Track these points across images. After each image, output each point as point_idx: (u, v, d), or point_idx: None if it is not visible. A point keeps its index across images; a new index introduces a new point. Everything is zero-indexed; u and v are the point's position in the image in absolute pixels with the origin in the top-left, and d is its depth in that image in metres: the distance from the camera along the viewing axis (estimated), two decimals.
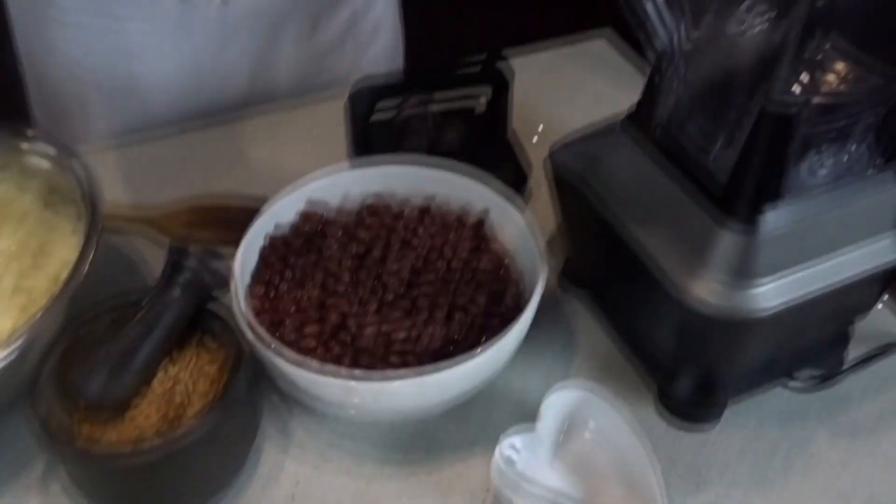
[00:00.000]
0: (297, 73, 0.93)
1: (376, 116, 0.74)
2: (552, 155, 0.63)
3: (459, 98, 0.77)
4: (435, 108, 0.75)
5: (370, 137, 0.74)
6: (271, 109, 0.89)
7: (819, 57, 0.51)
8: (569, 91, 0.91)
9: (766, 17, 0.48)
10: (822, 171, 0.53)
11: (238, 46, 0.87)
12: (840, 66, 0.51)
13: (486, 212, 0.65)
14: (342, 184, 0.67)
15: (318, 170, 0.66)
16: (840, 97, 0.49)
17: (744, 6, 0.48)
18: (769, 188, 0.50)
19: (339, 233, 0.64)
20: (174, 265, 0.56)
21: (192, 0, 0.81)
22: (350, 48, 0.95)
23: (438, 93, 0.74)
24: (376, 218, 0.66)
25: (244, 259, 0.60)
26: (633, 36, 0.53)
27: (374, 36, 0.97)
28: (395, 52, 1.02)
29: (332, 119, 0.74)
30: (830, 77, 0.52)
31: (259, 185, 0.67)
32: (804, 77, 0.50)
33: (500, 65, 0.72)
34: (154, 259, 0.71)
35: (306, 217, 0.65)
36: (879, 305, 0.67)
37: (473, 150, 0.76)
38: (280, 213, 0.64)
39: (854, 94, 0.48)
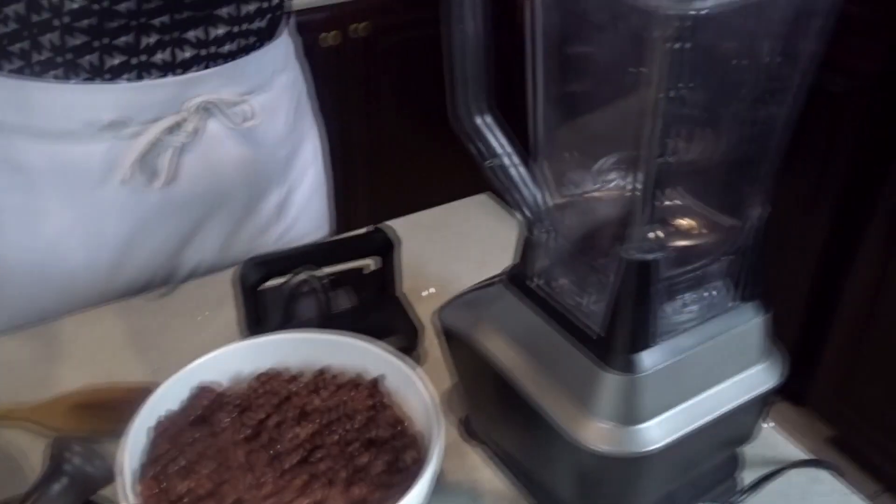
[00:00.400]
0: (222, 253, 0.93)
1: (267, 285, 0.75)
2: (440, 313, 0.66)
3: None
4: (325, 272, 0.78)
5: (261, 308, 0.75)
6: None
7: (672, 208, 0.57)
8: (456, 248, 0.95)
9: (617, 177, 0.53)
10: (689, 310, 0.57)
11: (168, 228, 0.87)
12: (691, 217, 0.57)
13: (380, 374, 0.66)
14: (233, 362, 0.67)
15: (208, 350, 0.66)
16: (692, 245, 0.54)
17: (596, 168, 0.53)
18: (641, 331, 0.53)
19: (232, 406, 0.63)
20: (56, 460, 0.54)
21: (133, 184, 0.81)
22: (279, 227, 0.97)
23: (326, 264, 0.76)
24: (270, 387, 0.65)
25: (131, 448, 0.57)
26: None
27: (304, 211, 0.99)
28: (322, 225, 1.04)
29: (225, 292, 0.74)
30: (684, 226, 0.57)
31: (148, 365, 0.67)
32: (660, 228, 0.55)
33: (383, 234, 0.76)
34: (36, 455, 0.67)
35: (197, 395, 0.64)
36: (766, 425, 0.70)
37: (366, 311, 0.78)
38: (169, 397, 0.63)
39: (704, 243, 0.53)
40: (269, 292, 0.77)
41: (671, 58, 0.44)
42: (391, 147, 2.01)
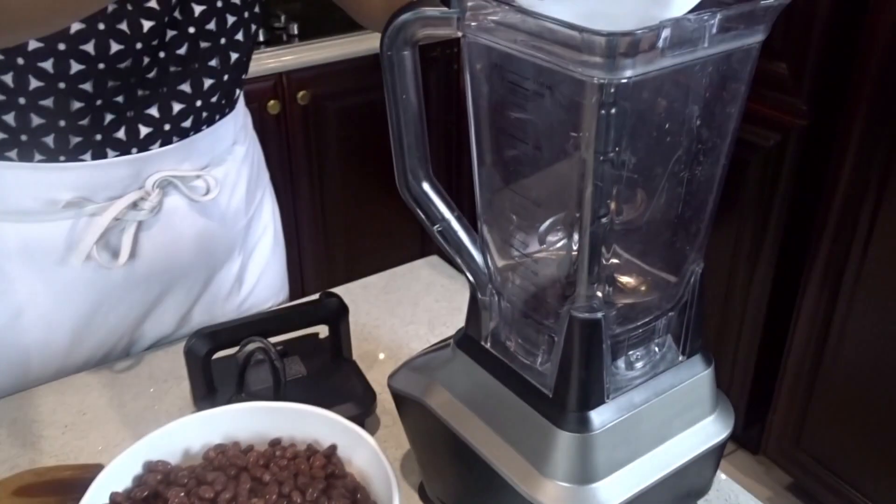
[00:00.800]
0: (182, 325, 0.92)
1: (219, 356, 0.75)
2: (392, 377, 0.66)
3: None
4: (276, 340, 0.77)
5: (213, 380, 0.75)
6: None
7: (616, 266, 0.58)
8: (408, 311, 0.95)
9: (560, 238, 0.54)
10: (638, 365, 0.58)
11: (128, 303, 0.86)
12: (634, 274, 0.58)
13: (335, 443, 0.65)
14: (184, 435, 0.65)
15: (161, 424, 0.65)
16: (637, 303, 0.56)
17: (539, 230, 0.55)
18: (592, 389, 0.54)
19: (185, 480, 0.62)
20: None
21: (96, 260, 0.79)
22: (238, 296, 0.96)
23: (276, 333, 0.76)
24: (223, 461, 0.64)
25: None
26: None
27: (262, 277, 0.99)
28: (282, 287, 1.04)
29: (179, 364, 0.73)
30: (628, 284, 0.58)
31: (99, 442, 0.65)
32: (605, 287, 0.57)
33: (333, 301, 0.76)
34: None
35: (149, 471, 0.63)
36: (721, 477, 0.71)
37: (319, 378, 0.78)
38: (120, 475, 0.62)
39: (648, 300, 0.54)
40: (221, 363, 0.76)
41: (604, 122, 0.45)
42: (340, 212, 2.02)
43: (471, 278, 0.59)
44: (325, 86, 1.85)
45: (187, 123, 0.80)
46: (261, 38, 1.83)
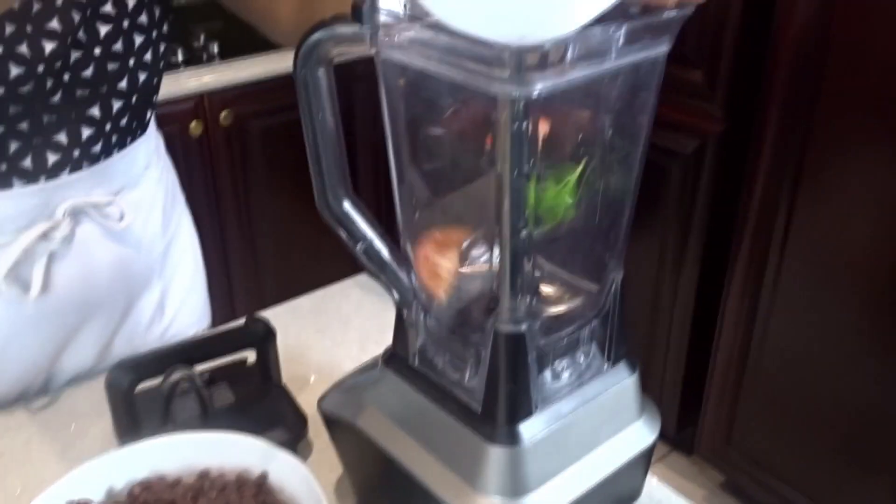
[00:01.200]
0: (102, 357, 0.89)
1: (142, 388, 0.72)
2: (322, 400, 0.65)
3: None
4: (203, 368, 0.76)
5: (137, 412, 0.72)
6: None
7: (538, 278, 0.58)
8: (337, 332, 0.94)
9: (482, 253, 0.55)
10: (565, 375, 0.58)
11: (42, 336, 0.82)
12: (557, 285, 0.59)
13: (266, 471, 0.64)
14: (107, 472, 0.63)
15: (82, 462, 0.62)
16: (561, 313, 0.56)
17: (463, 246, 0.55)
18: (520, 402, 0.54)
19: None
20: None
21: (6, 296, 0.76)
22: (160, 324, 0.93)
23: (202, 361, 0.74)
24: (149, 496, 0.62)
25: None
26: None
27: (184, 304, 0.96)
28: (204, 313, 1.01)
29: (100, 398, 0.71)
30: (551, 295, 0.59)
31: (17, 484, 0.62)
32: (529, 299, 0.57)
33: (260, 325, 0.75)
34: None
35: None
36: (655, 481, 0.72)
37: (247, 405, 0.76)
38: None
39: (571, 309, 0.55)
40: (145, 395, 0.74)
41: (517, 136, 0.46)
42: (268, 234, 2.00)
43: (396, 296, 0.58)
44: (248, 105, 1.83)
45: (97, 148, 0.78)
46: (180, 58, 1.80)
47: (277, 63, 1.85)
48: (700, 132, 1.61)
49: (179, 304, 0.95)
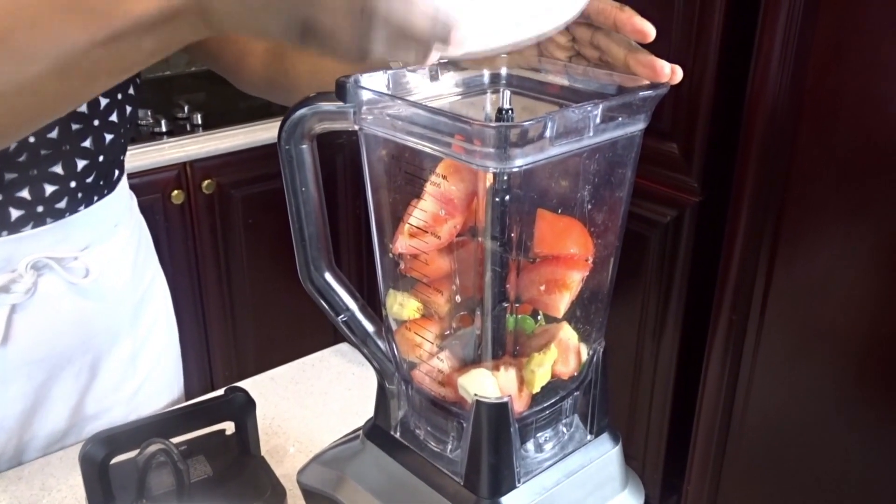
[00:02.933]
0: (74, 417, 0.87)
1: (117, 460, 0.71)
2: (301, 473, 0.64)
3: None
4: (180, 440, 0.74)
5: (111, 486, 0.71)
6: None
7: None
8: (318, 402, 0.93)
9: (461, 323, 0.55)
10: (548, 447, 0.58)
11: (7, 397, 0.81)
12: None
13: None
14: None
15: None
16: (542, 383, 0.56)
17: (445, 316, 0.55)
18: (503, 474, 0.53)
19: None
20: None
21: None
22: (132, 383, 0.92)
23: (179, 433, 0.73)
24: None
25: None
26: None
27: (157, 365, 0.95)
28: (176, 381, 0.99)
29: (74, 466, 0.69)
30: None
31: None
32: None
33: (239, 396, 0.74)
34: None
35: None
36: None
37: (225, 478, 0.75)
38: None
39: (554, 380, 0.55)
40: (120, 468, 0.72)
41: (498, 209, 0.47)
42: (248, 302, 1.99)
43: (377, 367, 0.58)
44: (230, 174, 1.84)
45: (61, 205, 0.78)
46: (163, 129, 1.81)
47: (259, 133, 1.87)
48: (678, 203, 1.64)
49: (153, 363, 0.94)
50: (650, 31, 0.49)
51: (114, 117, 0.79)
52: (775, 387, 1.55)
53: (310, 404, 0.93)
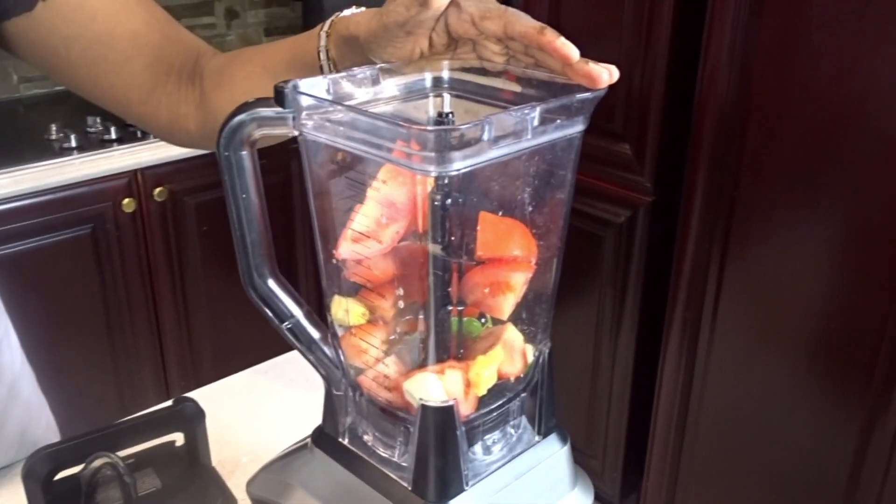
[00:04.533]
0: None
1: (62, 475, 0.70)
2: (251, 483, 0.63)
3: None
4: (127, 453, 0.73)
5: (57, 502, 0.69)
6: None
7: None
8: (269, 411, 0.93)
9: (408, 327, 0.55)
10: (495, 449, 0.58)
11: None
12: None
13: None
14: None
15: None
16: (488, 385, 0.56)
17: (390, 320, 0.55)
18: (451, 478, 0.53)
19: None
20: None
21: None
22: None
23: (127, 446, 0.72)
24: None
25: None
26: None
27: (30, 421, 0.90)
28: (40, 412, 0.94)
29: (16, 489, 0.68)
30: None
31: None
32: None
33: (188, 406, 0.73)
34: None
35: None
36: None
37: (174, 490, 0.73)
38: None
39: (500, 382, 0.55)
40: (65, 483, 0.71)
41: (439, 213, 0.47)
42: (204, 310, 1.96)
43: (324, 374, 0.58)
44: (183, 181, 1.82)
45: None
46: (113, 136, 1.78)
47: None
48: (631, 203, 1.65)
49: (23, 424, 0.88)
50: (573, 55, 0.49)
51: None
52: (729, 383, 1.57)
53: (262, 413, 0.92)
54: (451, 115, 0.51)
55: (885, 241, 1.27)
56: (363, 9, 0.60)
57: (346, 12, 0.61)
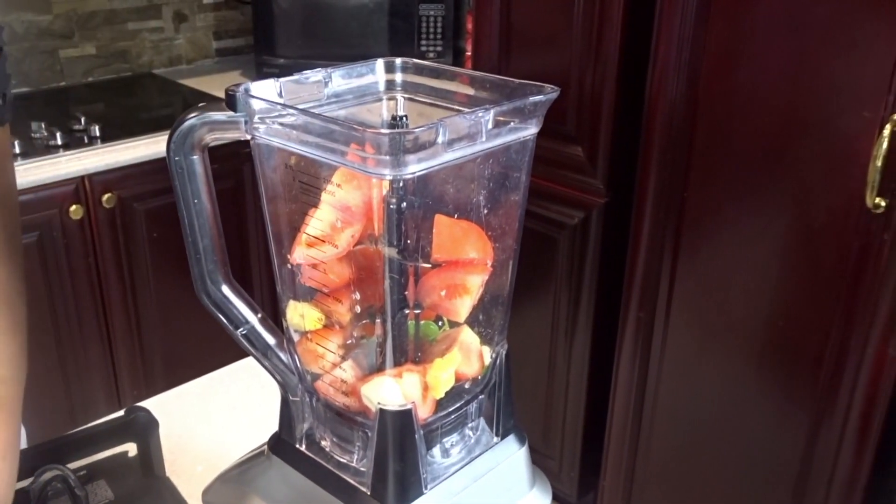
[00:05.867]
0: None
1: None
2: (206, 492, 0.62)
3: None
4: (78, 465, 0.71)
5: None
6: None
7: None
8: (225, 418, 0.91)
9: (364, 331, 0.54)
10: (454, 452, 0.58)
11: None
12: None
13: None
14: None
15: None
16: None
17: (346, 324, 0.54)
18: (409, 481, 0.53)
19: None
20: None
21: None
22: None
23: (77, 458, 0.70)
24: None
25: None
26: None
27: None
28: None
29: None
30: None
31: None
32: None
33: (141, 416, 0.72)
34: None
35: None
36: None
37: (128, 501, 0.72)
38: None
39: (458, 384, 0.55)
40: (14, 498, 0.69)
41: (394, 216, 0.46)
42: (155, 318, 1.93)
43: (280, 380, 0.57)
44: (132, 187, 1.79)
45: None
46: (59, 141, 1.74)
47: (162, 144, 1.81)
48: (585, 204, 1.67)
49: None
50: None
51: None
52: (682, 380, 1.60)
53: (217, 421, 0.91)
54: (405, 118, 0.51)
55: (829, 240, 1.31)
56: None
57: None
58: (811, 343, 1.38)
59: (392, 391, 0.52)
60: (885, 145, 1.16)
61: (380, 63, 0.57)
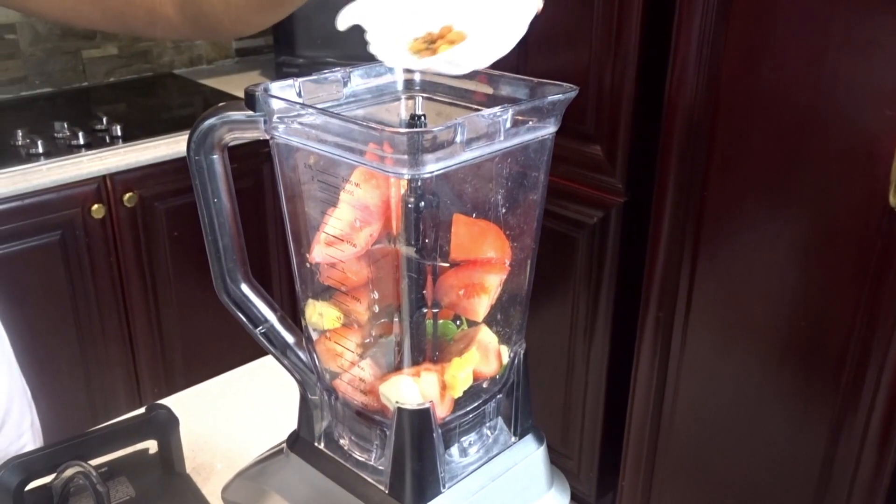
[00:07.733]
0: None
1: (33, 485, 0.68)
2: (226, 490, 0.63)
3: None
4: (100, 461, 0.72)
5: None
6: None
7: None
8: (244, 417, 0.92)
9: (383, 330, 0.55)
10: (472, 451, 0.58)
11: None
12: None
13: None
14: None
15: None
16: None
17: (364, 323, 0.54)
18: (428, 480, 0.53)
19: None
20: None
21: None
22: None
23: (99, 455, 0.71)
24: None
25: None
26: None
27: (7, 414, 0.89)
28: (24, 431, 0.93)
29: None
30: None
31: None
32: None
33: (161, 413, 0.72)
34: None
35: None
36: None
37: (148, 499, 0.73)
38: None
39: (476, 383, 0.55)
40: (36, 494, 0.70)
41: (412, 215, 0.47)
42: (176, 317, 1.94)
43: (298, 378, 0.58)
44: (153, 187, 1.80)
45: None
46: (81, 141, 1.76)
47: (182, 144, 1.83)
48: (604, 204, 1.66)
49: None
50: None
51: None
52: (702, 381, 1.59)
53: (237, 419, 0.91)
54: (423, 118, 0.51)
55: (851, 240, 1.29)
56: None
57: None
58: (832, 344, 1.36)
59: (410, 390, 0.52)
60: None
61: None
